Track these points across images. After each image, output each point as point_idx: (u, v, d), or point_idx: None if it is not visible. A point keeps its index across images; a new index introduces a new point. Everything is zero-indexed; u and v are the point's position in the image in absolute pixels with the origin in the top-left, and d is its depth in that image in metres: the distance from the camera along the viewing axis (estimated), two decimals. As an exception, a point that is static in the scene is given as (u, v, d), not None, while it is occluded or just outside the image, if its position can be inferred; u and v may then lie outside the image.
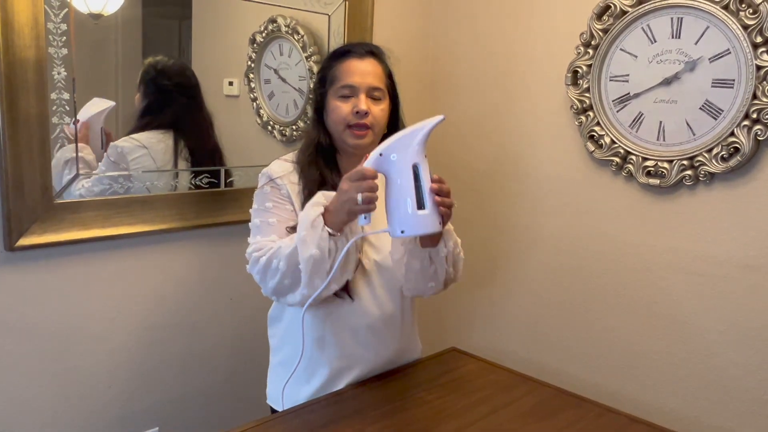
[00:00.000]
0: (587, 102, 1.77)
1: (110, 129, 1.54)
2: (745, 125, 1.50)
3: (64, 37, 1.42)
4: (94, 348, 1.59)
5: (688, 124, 1.60)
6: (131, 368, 1.67)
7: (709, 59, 1.55)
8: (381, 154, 1.15)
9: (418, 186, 1.14)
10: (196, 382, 1.81)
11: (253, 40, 1.83)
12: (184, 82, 1.68)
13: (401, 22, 2.13)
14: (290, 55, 1.91)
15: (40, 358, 1.51)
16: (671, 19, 1.60)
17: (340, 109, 1.31)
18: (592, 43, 1.74)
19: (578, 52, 1.77)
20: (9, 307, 1.44)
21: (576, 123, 1.81)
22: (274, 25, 1.85)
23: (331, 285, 1.22)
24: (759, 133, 1.48)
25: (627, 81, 1.70)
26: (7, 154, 1.36)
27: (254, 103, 1.87)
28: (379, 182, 1.16)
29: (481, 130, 2.09)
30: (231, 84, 1.80)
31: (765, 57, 1.45)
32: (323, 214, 1.19)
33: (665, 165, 1.64)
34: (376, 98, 1.33)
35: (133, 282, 1.63)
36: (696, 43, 1.57)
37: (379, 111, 1.33)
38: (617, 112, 1.73)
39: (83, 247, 1.52)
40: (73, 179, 1.48)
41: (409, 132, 1.16)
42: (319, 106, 1.38)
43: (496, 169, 2.06)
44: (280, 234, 1.29)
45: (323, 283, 1.18)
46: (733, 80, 1.52)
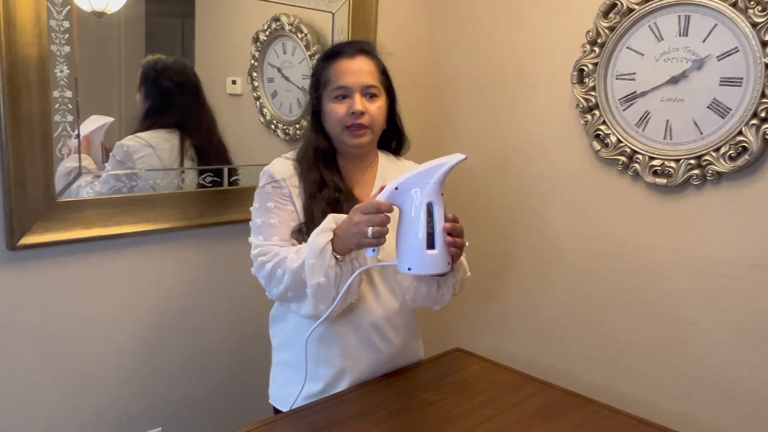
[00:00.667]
0: (593, 100, 1.76)
1: (109, 144, 1.54)
2: (753, 124, 1.48)
3: (67, 35, 1.41)
4: (97, 348, 1.58)
5: (695, 123, 1.59)
6: (133, 368, 1.66)
7: (717, 57, 1.54)
8: (397, 188, 1.14)
9: (431, 225, 1.13)
10: (199, 382, 1.80)
11: (256, 39, 1.82)
12: (184, 81, 1.67)
13: (405, 20, 2.12)
14: (293, 53, 1.90)
15: (42, 358, 1.50)
16: (678, 16, 1.59)
17: (336, 111, 1.31)
18: (599, 41, 1.72)
19: (584, 51, 1.76)
20: (11, 306, 1.43)
21: (582, 122, 1.80)
22: (278, 23, 1.84)
23: (336, 308, 1.23)
24: (767, 132, 1.46)
25: (633, 79, 1.69)
26: (9, 152, 1.35)
27: (257, 102, 1.86)
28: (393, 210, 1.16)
29: (486, 128, 2.07)
30: (234, 83, 1.79)
31: (774, 55, 1.43)
32: (332, 239, 1.19)
33: (672, 164, 1.62)
34: (372, 96, 1.33)
35: (135, 281, 1.62)
36: (704, 41, 1.55)
37: (375, 109, 1.33)
38: (623, 110, 1.72)
39: (85, 246, 1.51)
40: (75, 178, 1.47)
41: (428, 169, 1.13)
42: (316, 110, 1.37)
43: (500, 168, 2.04)
44: (281, 235, 1.29)
45: (327, 309, 1.20)
46: (741, 78, 1.50)
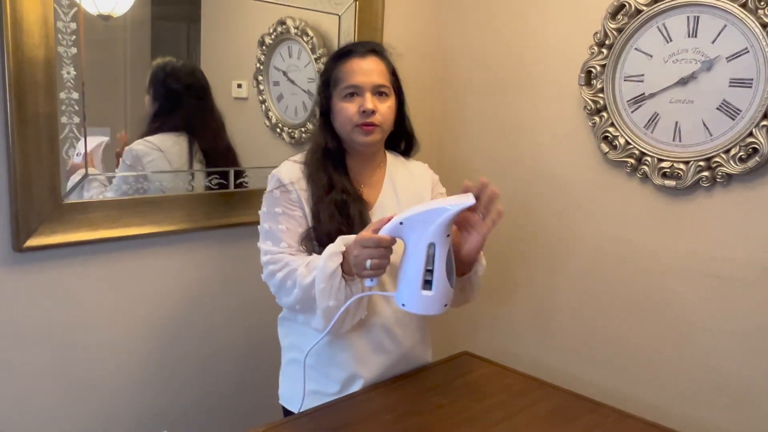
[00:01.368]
0: (601, 102, 1.75)
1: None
2: (763, 125, 1.47)
3: (74, 37, 1.41)
4: (103, 351, 1.57)
5: (704, 125, 1.58)
6: (140, 371, 1.65)
7: (727, 58, 1.53)
8: (401, 223, 1.12)
9: (431, 266, 1.11)
10: (206, 385, 1.79)
11: (262, 42, 1.82)
12: (193, 83, 1.67)
13: (412, 22, 2.12)
14: (299, 57, 1.90)
15: (48, 361, 1.49)
16: (687, 17, 1.58)
17: (347, 109, 1.31)
18: (606, 42, 1.72)
19: (592, 52, 1.75)
20: (17, 308, 1.43)
21: (590, 124, 1.79)
22: (283, 27, 1.84)
23: (345, 326, 1.25)
24: (778, 133, 1.45)
25: (642, 81, 1.68)
26: (16, 153, 1.34)
27: (263, 105, 1.85)
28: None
29: (493, 130, 2.07)
30: (240, 86, 1.79)
31: (784, 56, 1.42)
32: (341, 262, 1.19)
33: (681, 166, 1.61)
34: (382, 96, 1.33)
35: (142, 284, 1.62)
36: (713, 42, 1.54)
37: (386, 108, 1.33)
38: (632, 112, 1.71)
39: (92, 248, 1.51)
40: (81, 179, 1.46)
41: (435, 209, 1.10)
42: (325, 110, 1.37)
43: (507, 171, 2.03)
44: (290, 241, 1.29)
45: (330, 325, 1.22)
46: (752, 80, 1.49)
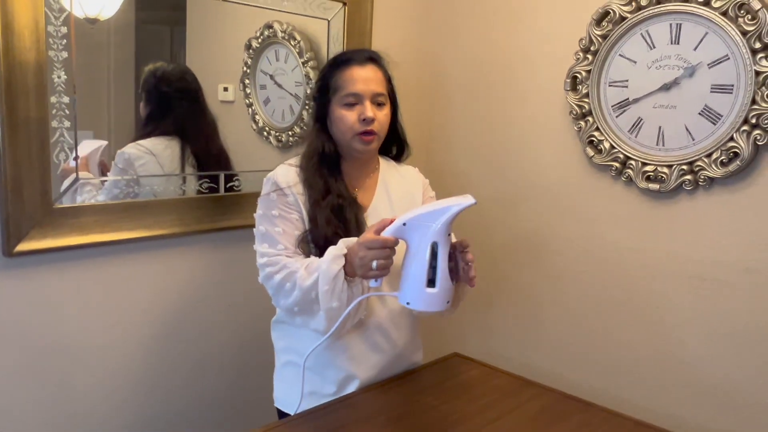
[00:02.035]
0: (586, 107, 1.78)
1: (105, 161, 1.55)
2: (744, 130, 1.51)
3: (65, 40, 1.40)
4: (94, 356, 1.57)
5: (687, 129, 1.62)
6: (132, 376, 1.64)
7: (708, 65, 1.57)
8: (405, 224, 1.16)
9: (434, 264, 1.15)
10: (198, 389, 1.79)
11: (248, 46, 1.82)
12: (184, 87, 1.67)
13: (401, 27, 2.14)
14: (286, 60, 1.90)
15: (38, 366, 1.48)
16: (670, 25, 1.62)
17: (347, 117, 1.33)
18: (591, 48, 1.75)
19: (577, 58, 1.78)
20: (7, 313, 1.41)
21: (575, 128, 1.82)
22: (270, 30, 1.85)
23: (347, 327, 1.27)
24: (758, 137, 1.49)
25: (626, 86, 1.71)
26: (6, 158, 1.34)
27: (250, 109, 1.86)
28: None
29: (480, 135, 2.09)
30: (226, 90, 1.79)
31: (764, 63, 1.46)
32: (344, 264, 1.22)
33: (665, 170, 1.65)
34: (380, 104, 1.36)
35: (133, 288, 1.61)
36: (695, 49, 1.59)
37: (383, 116, 1.36)
38: (616, 117, 1.74)
39: (83, 252, 1.50)
40: (72, 183, 1.46)
41: (437, 209, 1.15)
42: (321, 115, 1.38)
43: (493, 175, 2.06)
44: (287, 243, 1.31)
45: (338, 329, 1.24)
46: (732, 85, 1.53)
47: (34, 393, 1.48)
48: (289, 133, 1.92)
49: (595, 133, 1.78)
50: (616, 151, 1.74)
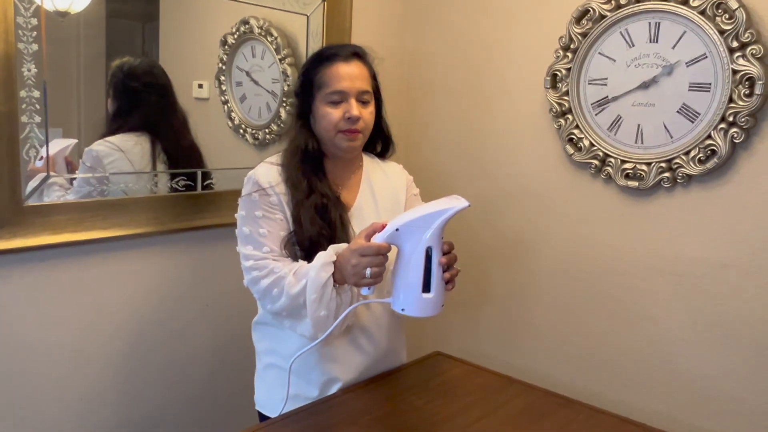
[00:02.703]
0: (566, 105, 1.79)
1: (73, 159, 1.51)
2: (721, 128, 1.53)
3: (35, 33, 1.35)
4: (65, 358, 1.52)
5: (665, 127, 1.63)
6: (105, 380, 1.60)
7: (686, 63, 1.58)
8: (398, 229, 1.13)
9: (429, 269, 1.13)
10: (177, 392, 1.75)
11: (224, 42, 1.79)
12: (152, 82, 1.63)
13: (381, 24, 2.12)
14: (263, 57, 1.87)
15: (10, 368, 1.43)
16: (649, 23, 1.63)
17: (331, 115, 1.30)
18: (571, 46, 1.76)
19: (557, 56, 1.79)
20: (-26, 316, 1.36)
21: (555, 126, 1.83)
22: (247, 26, 1.81)
23: (334, 333, 1.24)
24: (735, 135, 1.51)
25: (605, 84, 1.72)
26: (-26, 154, 1.28)
27: (225, 106, 1.82)
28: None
29: (460, 133, 2.09)
30: (201, 86, 1.76)
31: (741, 61, 1.48)
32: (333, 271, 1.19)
33: (643, 167, 1.66)
34: (365, 101, 1.33)
35: (106, 289, 1.57)
36: (673, 48, 1.60)
37: (368, 114, 1.33)
38: (596, 115, 1.75)
39: (54, 252, 1.45)
40: (43, 181, 1.41)
41: (430, 213, 1.12)
42: (304, 111, 1.35)
43: (473, 172, 2.05)
44: (272, 245, 1.27)
45: (324, 335, 1.21)
46: (710, 84, 1.55)
47: (3, 393, 1.43)
48: (266, 130, 1.89)
49: (575, 131, 1.78)
50: (595, 148, 1.75)
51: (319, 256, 1.19)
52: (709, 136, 1.55)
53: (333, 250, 1.19)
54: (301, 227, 1.26)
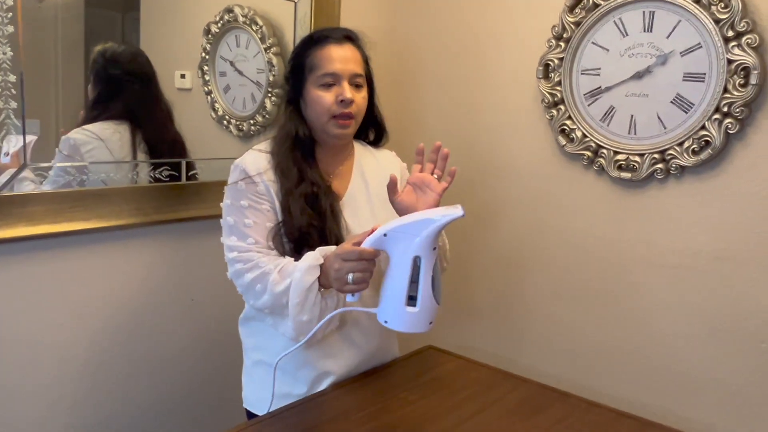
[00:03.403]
0: (558, 95, 1.76)
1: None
2: (716, 119, 1.51)
3: (10, 14, 1.29)
4: (42, 356, 1.46)
5: (659, 118, 1.61)
6: (87, 377, 1.55)
7: (681, 53, 1.57)
8: (386, 234, 1.06)
9: (416, 281, 1.06)
10: (160, 389, 1.70)
11: (207, 31, 1.74)
12: (135, 70, 1.58)
13: (369, 11, 2.08)
14: (248, 46, 1.83)
15: (-18, 368, 1.37)
16: (643, 12, 1.61)
17: (324, 98, 1.25)
18: (564, 36, 1.73)
19: (550, 45, 1.76)
20: (-54, 311, 1.30)
21: (547, 117, 1.80)
22: (231, 15, 1.77)
23: (317, 336, 1.20)
24: (729, 126, 1.49)
25: (598, 74, 1.70)
26: (-55, 141, 1.23)
27: (209, 97, 1.78)
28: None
29: (451, 123, 2.05)
30: (183, 77, 1.71)
31: (736, 51, 1.46)
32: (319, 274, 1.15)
33: (636, 158, 1.64)
34: (358, 85, 1.29)
35: (86, 282, 1.51)
36: (668, 37, 1.58)
37: (361, 99, 1.29)
38: (588, 105, 1.73)
39: (31, 244, 1.40)
40: (20, 170, 1.35)
41: (421, 220, 1.06)
42: (295, 96, 1.31)
43: (465, 164, 2.02)
44: (257, 237, 1.23)
45: (306, 338, 1.17)
46: (704, 74, 1.53)
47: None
48: (251, 122, 1.85)
49: (567, 122, 1.76)
50: (588, 139, 1.73)
51: (307, 257, 1.15)
52: (703, 127, 1.53)
53: (320, 253, 1.15)
54: (290, 217, 1.22)
